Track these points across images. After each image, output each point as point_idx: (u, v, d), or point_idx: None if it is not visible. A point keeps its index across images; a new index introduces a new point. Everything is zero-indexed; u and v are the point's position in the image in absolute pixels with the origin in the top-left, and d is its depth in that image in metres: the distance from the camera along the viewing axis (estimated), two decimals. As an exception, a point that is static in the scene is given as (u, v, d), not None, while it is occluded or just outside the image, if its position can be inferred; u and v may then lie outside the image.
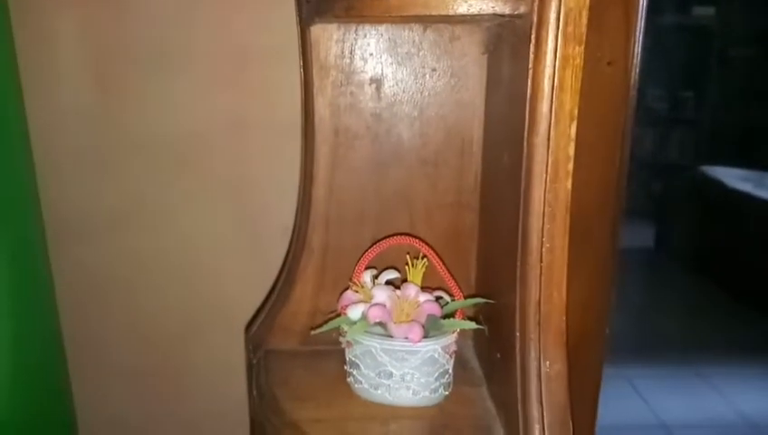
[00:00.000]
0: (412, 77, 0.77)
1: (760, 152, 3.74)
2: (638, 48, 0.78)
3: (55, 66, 0.91)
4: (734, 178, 3.37)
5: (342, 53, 0.75)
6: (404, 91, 0.77)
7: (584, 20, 0.54)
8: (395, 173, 0.80)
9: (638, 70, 0.79)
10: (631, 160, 0.84)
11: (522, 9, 0.56)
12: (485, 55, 0.75)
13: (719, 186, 3.32)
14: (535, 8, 0.55)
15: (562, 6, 0.53)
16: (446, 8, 0.56)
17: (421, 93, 0.77)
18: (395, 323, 0.67)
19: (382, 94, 0.77)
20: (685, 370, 2.37)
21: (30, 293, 0.91)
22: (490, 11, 0.57)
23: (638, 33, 0.77)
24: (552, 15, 0.54)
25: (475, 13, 0.57)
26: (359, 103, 0.77)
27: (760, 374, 2.35)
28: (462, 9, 0.56)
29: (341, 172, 0.79)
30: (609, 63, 0.77)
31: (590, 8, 0.74)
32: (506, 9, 0.57)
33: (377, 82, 0.77)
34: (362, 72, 0.76)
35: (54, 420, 0.99)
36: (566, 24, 0.54)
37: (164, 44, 0.91)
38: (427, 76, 0.77)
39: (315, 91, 0.76)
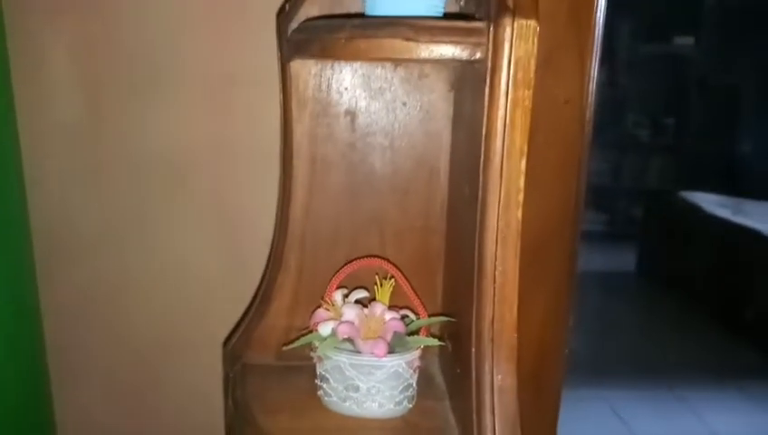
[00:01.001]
0: (384, 110, 0.83)
1: (737, 179, 3.85)
2: (592, 87, 0.85)
3: (47, 88, 0.95)
4: (712, 204, 3.46)
5: (319, 86, 0.81)
6: (376, 123, 0.83)
7: (532, 67, 0.60)
8: (367, 199, 0.85)
9: (593, 107, 0.86)
10: (588, 190, 0.91)
11: (478, 55, 0.62)
12: (452, 92, 0.82)
13: (698, 211, 3.41)
14: (489, 55, 0.61)
15: (513, 55, 0.60)
16: (410, 53, 0.62)
17: (392, 125, 0.83)
18: (362, 339, 0.72)
19: (356, 126, 0.83)
20: (665, 392, 2.42)
21: (16, 307, 0.95)
22: (450, 56, 0.63)
23: (592, 74, 0.84)
24: (504, 62, 0.60)
25: (437, 57, 0.63)
26: (334, 134, 0.83)
27: (739, 398, 2.40)
28: (424, 54, 0.62)
29: (317, 197, 0.84)
30: (565, 102, 0.84)
31: (549, 51, 0.81)
32: (464, 55, 0.63)
33: (351, 114, 0.83)
34: (338, 104, 0.82)
35: (36, 433, 1.02)
36: (516, 70, 0.60)
37: (153, 68, 0.95)
38: (398, 110, 0.83)
39: (294, 121, 0.82)
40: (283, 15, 0.80)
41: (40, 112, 0.96)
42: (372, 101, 0.83)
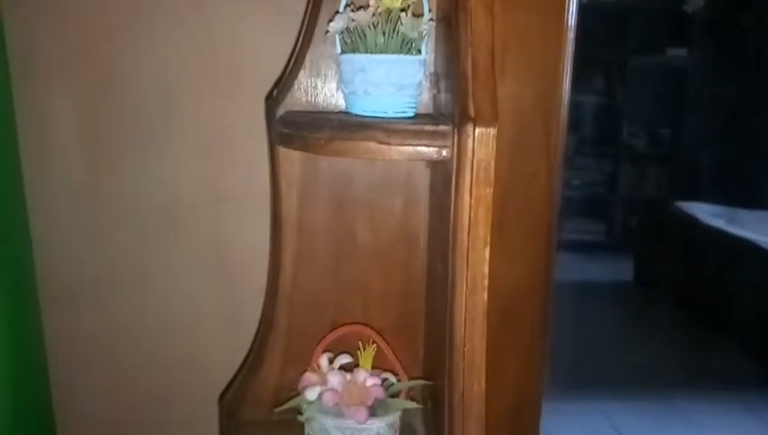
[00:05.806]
0: (367, 183, 0.89)
1: (731, 189, 3.90)
2: (558, 161, 0.91)
3: (52, 146, 1.01)
4: (707, 214, 3.51)
5: (306, 163, 0.88)
6: (360, 196, 0.89)
7: (492, 168, 0.66)
8: (352, 265, 0.92)
9: (559, 180, 0.92)
10: (558, 248, 0.97)
11: (444, 154, 0.69)
12: (428, 168, 0.88)
13: (694, 222, 3.45)
14: (455, 156, 0.67)
15: (475, 158, 0.66)
16: (383, 154, 0.68)
17: (374, 197, 0.90)
18: (346, 405, 0.79)
19: (341, 198, 0.89)
20: (664, 405, 2.45)
21: (23, 351, 1.01)
22: (419, 157, 0.69)
23: (558, 150, 0.90)
24: (468, 164, 0.66)
25: (407, 158, 0.69)
26: (320, 206, 0.89)
27: (738, 409, 2.43)
28: (395, 156, 0.68)
29: (305, 264, 0.91)
30: (533, 176, 0.90)
31: (517, 132, 0.87)
32: (433, 155, 0.69)
33: (336, 187, 0.89)
34: (324, 178, 0.89)
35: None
36: (478, 171, 0.66)
37: (149, 124, 1.01)
38: (380, 183, 0.89)
39: (283, 196, 0.88)
40: (270, 101, 0.86)
41: (45, 168, 1.02)
42: (356, 175, 0.89)
